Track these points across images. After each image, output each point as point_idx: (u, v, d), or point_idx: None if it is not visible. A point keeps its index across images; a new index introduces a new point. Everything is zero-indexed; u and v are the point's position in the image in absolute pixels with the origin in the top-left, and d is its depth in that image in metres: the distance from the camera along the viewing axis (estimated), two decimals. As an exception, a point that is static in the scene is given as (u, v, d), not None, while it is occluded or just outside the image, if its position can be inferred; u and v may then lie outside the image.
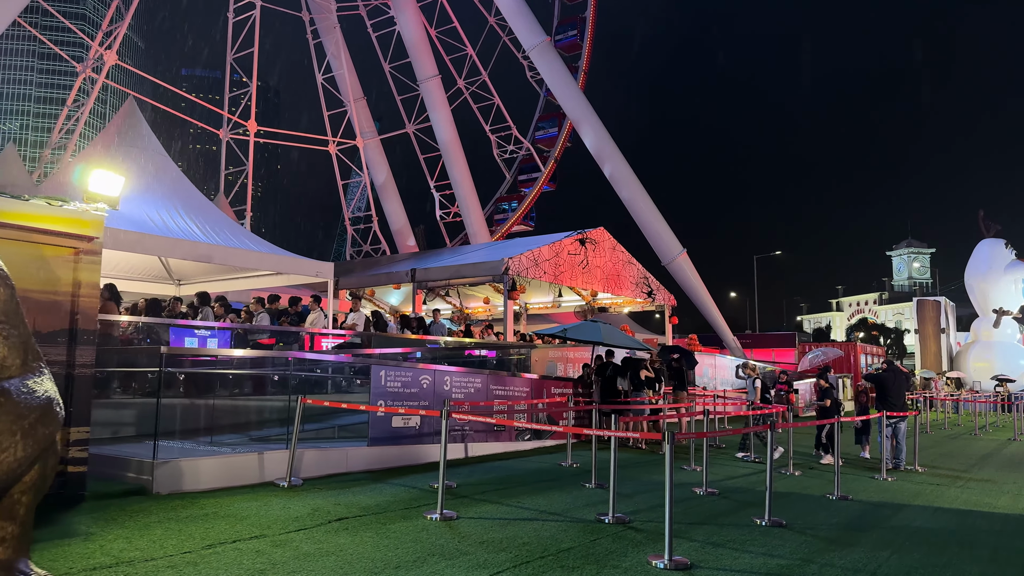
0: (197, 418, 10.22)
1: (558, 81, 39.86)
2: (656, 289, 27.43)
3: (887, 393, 13.45)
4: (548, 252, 21.75)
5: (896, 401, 13.37)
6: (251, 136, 36.27)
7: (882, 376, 13.79)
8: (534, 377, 14.07)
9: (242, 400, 10.84)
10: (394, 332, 16.04)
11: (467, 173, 45.17)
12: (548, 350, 17.50)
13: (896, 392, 13.50)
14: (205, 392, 10.58)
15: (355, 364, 11.53)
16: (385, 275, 22.55)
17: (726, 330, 41.13)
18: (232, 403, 10.69)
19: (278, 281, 15.99)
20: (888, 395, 13.42)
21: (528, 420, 13.88)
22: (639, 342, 15.75)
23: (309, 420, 10.45)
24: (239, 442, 10.17)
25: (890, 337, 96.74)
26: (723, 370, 25.79)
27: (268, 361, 10.89)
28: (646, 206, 39.52)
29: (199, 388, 10.53)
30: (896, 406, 13.27)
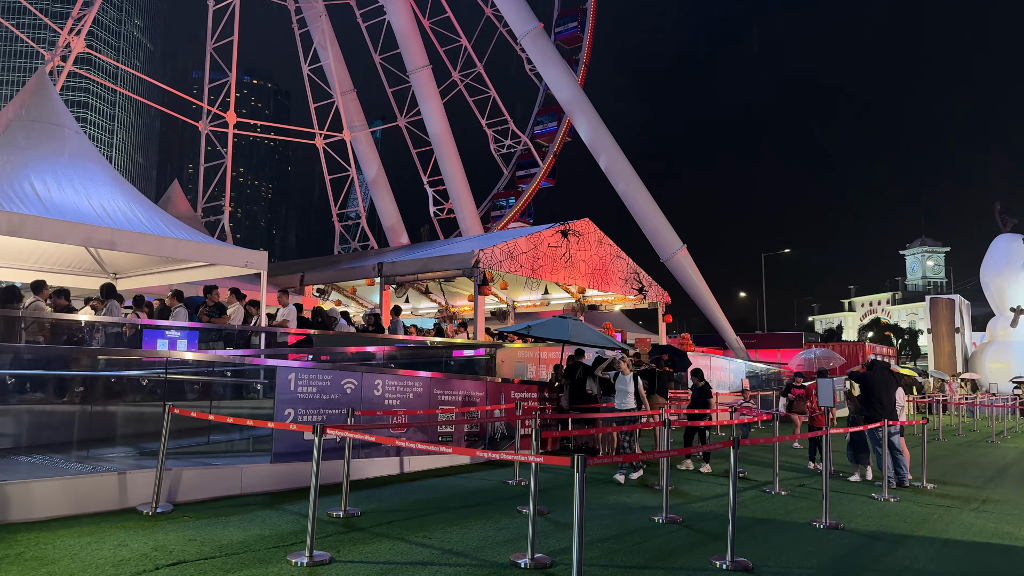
0: (65, 429, 8.68)
1: (551, 69, 38.22)
2: (648, 285, 25.74)
3: (872, 395, 11.62)
4: (525, 244, 20.14)
5: (884, 405, 11.47)
6: (230, 128, 34.80)
7: (865, 376, 11.96)
8: (490, 380, 12.47)
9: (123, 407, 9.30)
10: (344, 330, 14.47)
11: (459, 167, 43.58)
12: (517, 350, 15.88)
13: (884, 395, 11.55)
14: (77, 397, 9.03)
15: (259, 365, 9.96)
16: (351, 270, 21.00)
17: (728, 330, 39.29)
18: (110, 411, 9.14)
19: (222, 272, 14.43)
20: (873, 398, 11.58)
21: (482, 430, 12.28)
22: (614, 340, 14.12)
23: (201, 432, 8.89)
24: (124, 456, 8.63)
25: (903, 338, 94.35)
26: (719, 371, 24.07)
27: (143, 361, 9.31)
28: (643, 200, 37.80)
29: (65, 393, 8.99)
30: (884, 411, 11.36)
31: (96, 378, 9.08)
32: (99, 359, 9.16)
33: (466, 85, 50.77)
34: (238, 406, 10.50)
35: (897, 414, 11.75)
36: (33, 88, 12.74)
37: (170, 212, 20.34)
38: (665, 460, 9.29)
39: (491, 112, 52.40)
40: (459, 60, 50.29)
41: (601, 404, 12.83)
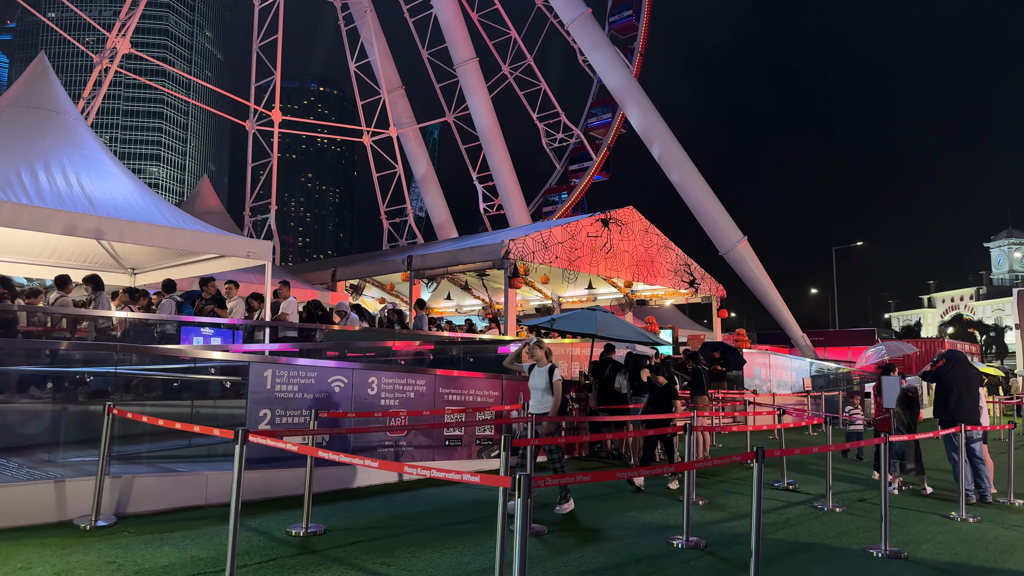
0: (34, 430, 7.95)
1: (600, 55, 36.77)
2: (700, 278, 24.08)
3: (949, 394, 9.72)
4: (561, 234, 18.88)
5: (965, 405, 9.63)
6: (275, 126, 34.66)
7: (940, 371, 9.93)
8: (506, 378, 11.30)
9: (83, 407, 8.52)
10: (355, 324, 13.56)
11: (508, 161, 42.59)
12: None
13: (965, 392, 9.67)
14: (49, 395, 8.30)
15: (227, 361, 9.05)
16: (381, 264, 20.17)
17: (794, 327, 37.02)
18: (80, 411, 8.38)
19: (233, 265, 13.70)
20: (951, 397, 9.69)
21: (496, 433, 11.14)
22: (650, 335, 12.75)
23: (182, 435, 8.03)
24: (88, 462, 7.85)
25: (988, 335, 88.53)
26: (779, 370, 22.25)
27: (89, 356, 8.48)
28: (699, 189, 35.93)
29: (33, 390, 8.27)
30: (963, 413, 9.53)
31: (70, 376, 8.37)
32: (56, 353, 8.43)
33: (516, 78, 49.60)
34: (224, 406, 9.65)
35: (979, 416, 10.02)
36: (32, 73, 12.26)
37: (198, 207, 19.98)
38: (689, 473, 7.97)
39: (542, 105, 51.15)
40: (509, 53, 49.19)
41: (629, 405, 11.51)
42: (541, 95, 50.44)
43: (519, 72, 48.85)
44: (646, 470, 7.42)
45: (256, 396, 8.18)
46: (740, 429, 11.60)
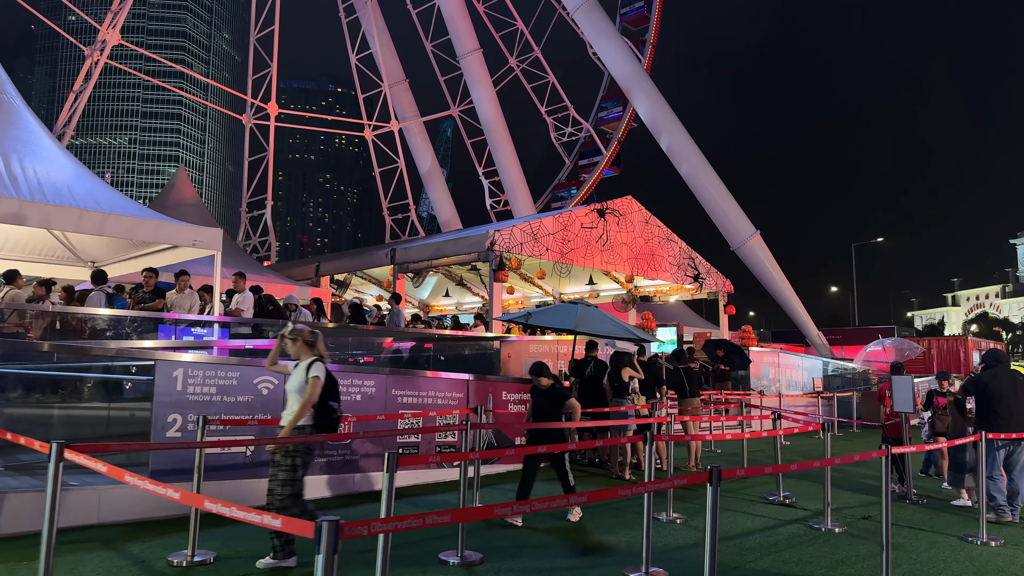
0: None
1: (605, 43, 35.64)
2: (706, 273, 22.84)
3: (995, 405, 8.32)
4: (552, 224, 17.78)
5: (1012, 418, 8.24)
6: (271, 119, 33.87)
7: (982, 377, 8.51)
8: (466, 378, 10.22)
9: None
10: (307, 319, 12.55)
11: (513, 155, 41.52)
12: (528, 343, 13.54)
13: (1016, 402, 8.27)
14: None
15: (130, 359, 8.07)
16: (365, 258, 19.18)
17: (809, 325, 35.62)
18: None
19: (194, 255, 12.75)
20: (997, 408, 8.30)
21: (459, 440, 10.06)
22: (637, 331, 11.60)
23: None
24: None
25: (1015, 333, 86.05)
26: (789, 370, 20.96)
27: None
28: (710, 182, 34.65)
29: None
30: (1011, 424, 8.21)
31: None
32: None
33: (524, 71, 48.42)
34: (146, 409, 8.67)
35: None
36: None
37: (173, 199, 19.11)
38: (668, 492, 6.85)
39: (551, 99, 49.93)
40: (516, 45, 48.04)
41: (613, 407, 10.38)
42: (549, 88, 49.22)
43: (526, 64, 47.68)
44: (521, 504, 4.61)
45: (164, 399, 7.18)
46: (735, 436, 10.44)
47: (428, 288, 27.06)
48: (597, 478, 10.49)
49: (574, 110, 50.51)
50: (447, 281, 25.52)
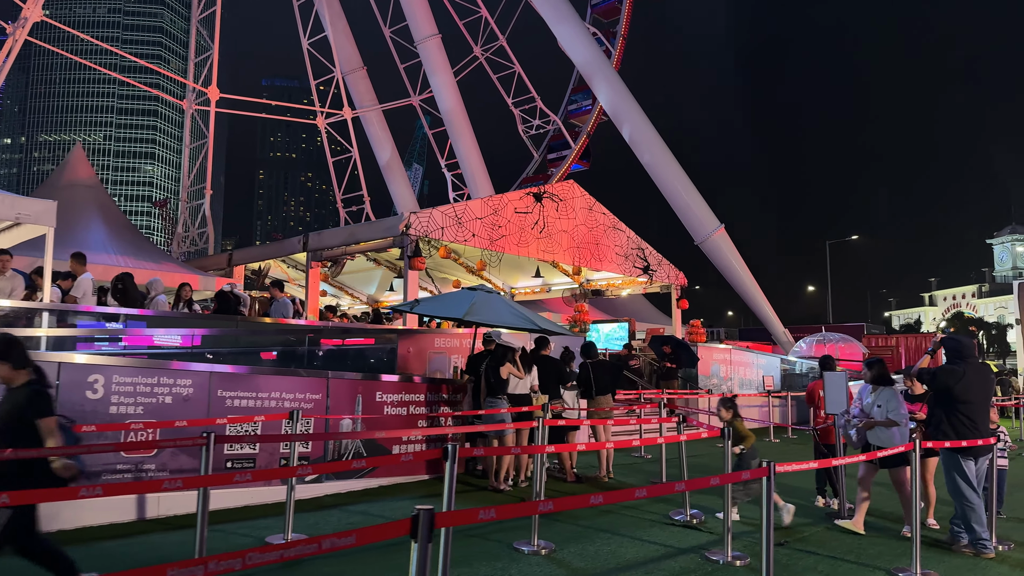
0: None
1: (565, 27, 34.23)
2: (657, 265, 21.41)
3: (957, 404, 6.68)
4: (480, 208, 16.25)
5: (977, 419, 6.70)
6: (212, 104, 32.07)
7: (943, 372, 6.80)
8: (333, 376, 8.64)
9: None
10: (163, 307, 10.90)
11: (475, 146, 40.03)
12: (431, 337, 11.95)
13: (977, 402, 6.73)
14: None
15: None
16: (276, 246, 17.58)
17: (775, 322, 34.36)
18: None
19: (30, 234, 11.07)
20: (959, 409, 6.68)
21: (316, 450, 8.52)
22: (539, 320, 10.04)
23: None
24: None
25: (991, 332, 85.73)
26: (742, 368, 19.57)
27: None
28: (672, 173, 33.34)
29: None
30: (979, 429, 6.67)
31: None
32: None
33: (490, 61, 46.81)
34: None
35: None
36: None
37: (67, 178, 17.37)
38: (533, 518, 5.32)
39: (518, 90, 48.39)
40: (480, 34, 46.41)
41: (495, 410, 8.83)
42: (516, 79, 47.65)
43: (491, 54, 46.11)
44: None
45: None
46: (645, 442, 8.98)
47: (375, 282, 25.52)
48: (478, 492, 8.95)
49: (541, 102, 48.99)
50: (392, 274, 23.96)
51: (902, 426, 7.12)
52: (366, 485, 8.81)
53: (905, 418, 7.18)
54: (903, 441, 6.91)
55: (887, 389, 7.30)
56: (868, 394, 7.48)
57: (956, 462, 6.63)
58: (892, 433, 7.13)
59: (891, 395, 7.23)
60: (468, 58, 45.42)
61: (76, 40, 24.57)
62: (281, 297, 12.15)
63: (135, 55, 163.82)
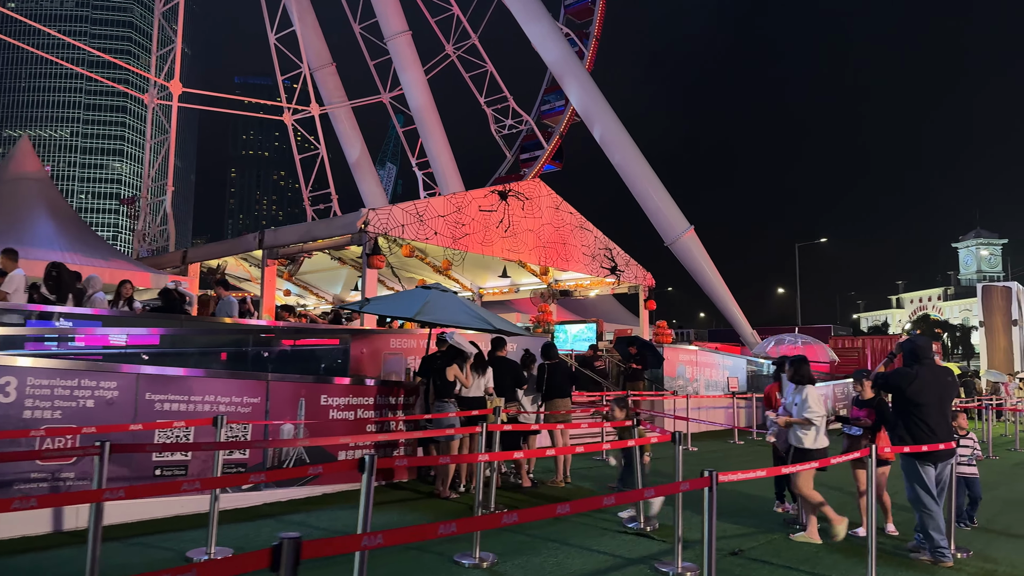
0: None
1: (536, 26, 34.05)
2: (624, 265, 21.21)
3: (911, 407, 6.43)
4: (443, 206, 15.88)
5: (932, 422, 6.40)
6: (174, 99, 31.26)
7: (898, 375, 6.56)
8: (273, 379, 8.22)
9: None
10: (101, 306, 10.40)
11: (445, 145, 39.57)
12: (387, 337, 11.55)
13: (931, 404, 6.42)
14: None
15: None
16: (232, 243, 17.03)
17: (743, 323, 34.43)
18: None
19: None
20: (913, 413, 6.42)
21: (255, 456, 8.11)
22: (499, 321, 9.70)
23: None
24: None
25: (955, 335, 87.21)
26: (708, 369, 19.42)
27: None
28: (642, 174, 33.28)
29: None
30: (933, 431, 6.36)
31: None
32: None
33: (462, 60, 46.35)
34: None
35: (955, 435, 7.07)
36: None
37: (12, 172, 16.68)
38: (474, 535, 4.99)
39: (491, 90, 48.01)
40: (453, 32, 45.95)
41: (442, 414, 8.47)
42: (488, 78, 47.24)
43: (463, 52, 45.67)
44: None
45: None
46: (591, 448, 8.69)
47: (340, 282, 25.02)
48: (428, 500, 8.59)
49: (514, 101, 48.65)
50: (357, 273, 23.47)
51: (818, 426, 6.95)
52: (309, 493, 8.40)
53: (821, 418, 6.99)
54: (818, 443, 6.90)
55: (806, 387, 7.12)
56: (791, 393, 7.31)
57: (912, 468, 6.42)
58: (809, 433, 6.97)
59: (808, 394, 7.05)
60: (440, 56, 44.93)
61: (43, 34, 23.78)
62: (226, 296, 11.67)
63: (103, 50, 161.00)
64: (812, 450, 6.90)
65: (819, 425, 6.97)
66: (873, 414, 7.20)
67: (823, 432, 7.06)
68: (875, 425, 7.18)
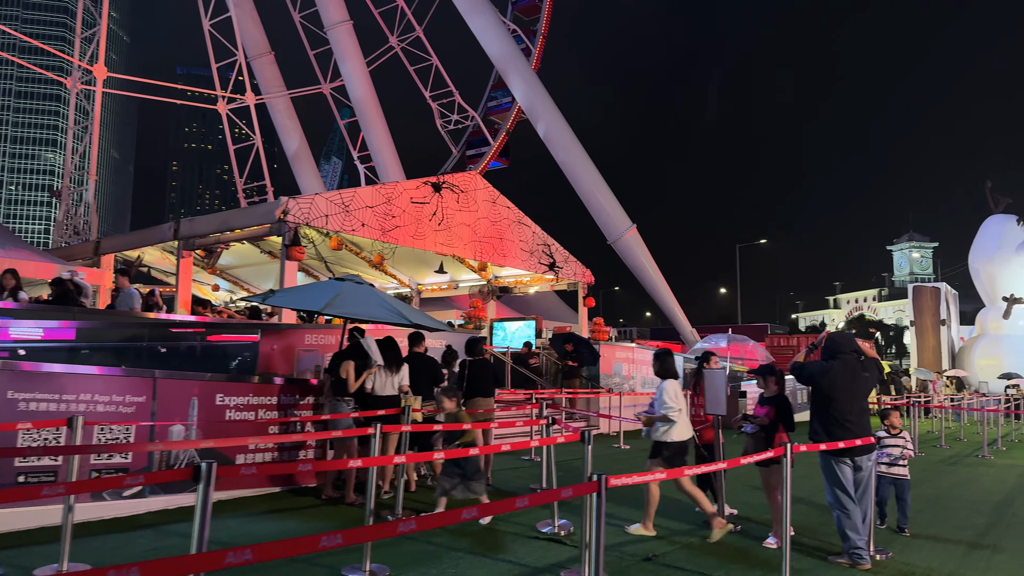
0: None
1: (479, 19, 33.53)
2: (563, 261, 20.91)
3: (825, 402, 6.26)
4: (371, 196, 15.25)
5: (847, 419, 6.17)
6: (98, 84, 29.74)
7: (815, 373, 6.36)
8: (150, 376, 7.55)
9: None
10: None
11: (388, 138, 38.83)
12: (301, 333, 10.91)
13: (844, 400, 6.21)
14: None
15: None
16: (145, 234, 16.07)
17: (683, 321, 34.63)
18: None
19: None
20: (827, 408, 6.24)
21: (138, 460, 7.42)
22: (416, 315, 9.19)
23: None
24: None
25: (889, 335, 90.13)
26: (644, 366, 19.26)
27: None
28: (586, 172, 33.12)
29: None
30: (849, 428, 6.13)
31: None
32: None
33: (407, 53, 45.48)
34: None
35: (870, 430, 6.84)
36: None
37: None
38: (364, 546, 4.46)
39: (436, 84, 47.27)
40: (397, 24, 45.04)
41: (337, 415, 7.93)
42: (433, 72, 46.51)
43: (407, 44, 44.83)
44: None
45: None
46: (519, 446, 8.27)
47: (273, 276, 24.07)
48: (334, 508, 8.03)
49: (460, 97, 48.06)
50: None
51: (674, 421, 6.89)
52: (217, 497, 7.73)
53: (678, 412, 6.91)
54: (675, 436, 6.88)
55: (664, 382, 7.05)
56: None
57: (827, 465, 6.20)
58: (665, 427, 6.92)
59: (664, 389, 6.98)
60: (384, 48, 44.06)
61: None
62: (127, 287, 10.86)
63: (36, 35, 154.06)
64: (671, 443, 6.90)
65: (676, 420, 6.91)
66: (772, 412, 6.94)
67: (684, 425, 7.00)
68: (773, 423, 6.92)
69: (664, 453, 6.90)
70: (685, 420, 7.05)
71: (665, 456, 6.89)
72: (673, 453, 6.89)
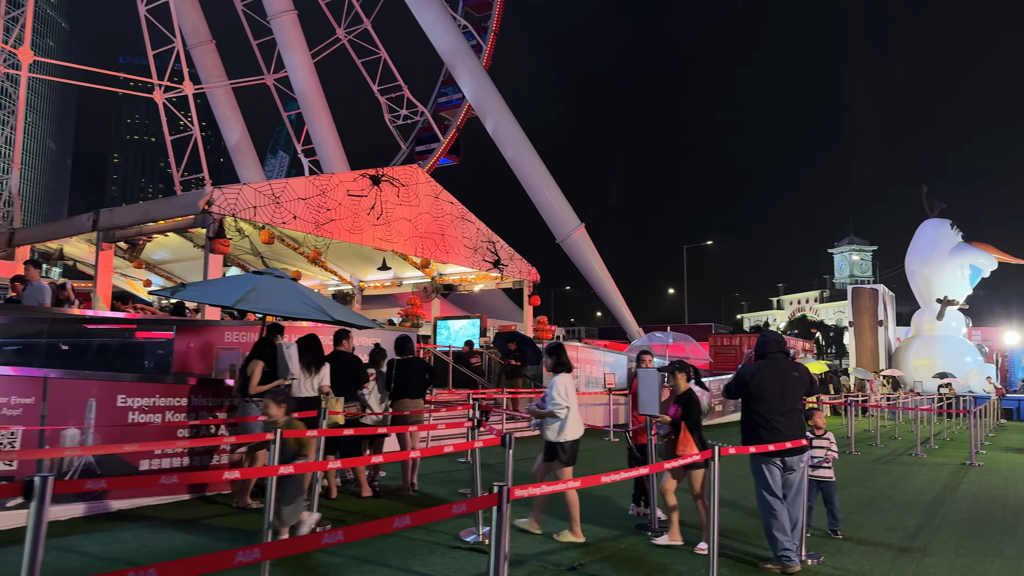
0: None
1: (426, 12, 32.92)
2: (508, 259, 20.58)
3: (752, 403, 6.11)
4: (304, 188, 14.65)
5: (773, 419, 5.99)
6: (23, 68, 28.19)
7: (745, 376, 6.19)
8: (53, 376, 6.92)
9: None
10: None
11: (332, 131, 37.91)
12: (225, 330, 10.30)
13: (770, 400, 6.04)
14: None
15: None
16: (64, 224, 15.15)
17: (630, 321, 34.72)
18: None
19: None
20: (754, 409, 6.09)
21: (24, 467, 6.78)
22: (341, 312, 8.72)
23: None
24: None
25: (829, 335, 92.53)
26: (589, 365, 19.07)
27: None
28: (534, 170, 32.88)
29: None
30: (776, 429, 5.95)
31: None
32: None
33: (354, 45, 44.50)
34: None
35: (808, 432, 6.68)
36: None
37: None
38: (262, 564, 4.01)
39: (387, 78, 46.39)
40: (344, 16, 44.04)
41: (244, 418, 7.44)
42: (382, 65, 45.65)
43: (354, 36, 43.89)
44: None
45: None
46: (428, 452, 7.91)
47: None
48: (247, 516, 7.52)
49: (409, 91, 47.31)
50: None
51: (562, 418, 6.69)
52: (98, 510, 7.14)
53: (565, 409, 6.69)
54: (564, 436, 6.66)
55: (555, 377, 6.82)
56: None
57: (756, 467, 6.02)
58: (554, 425, 6.71)
59: (554, 384, 6.77)
60: (330, 39, 43.09)
61: None
62: (36, 281, 10.10)
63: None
64: (565, 443, 6.66)
65: (562, 416, 6.69)
66: (680, 410, 6.71)
67: (576, 422, 6.78)
68: (676, 423, 6.70)
69: (562, 456, 6.64)
70: (576, 417, 6.80)
71: (563, 459, 6.64)
72: (571, 455, 6.68)
